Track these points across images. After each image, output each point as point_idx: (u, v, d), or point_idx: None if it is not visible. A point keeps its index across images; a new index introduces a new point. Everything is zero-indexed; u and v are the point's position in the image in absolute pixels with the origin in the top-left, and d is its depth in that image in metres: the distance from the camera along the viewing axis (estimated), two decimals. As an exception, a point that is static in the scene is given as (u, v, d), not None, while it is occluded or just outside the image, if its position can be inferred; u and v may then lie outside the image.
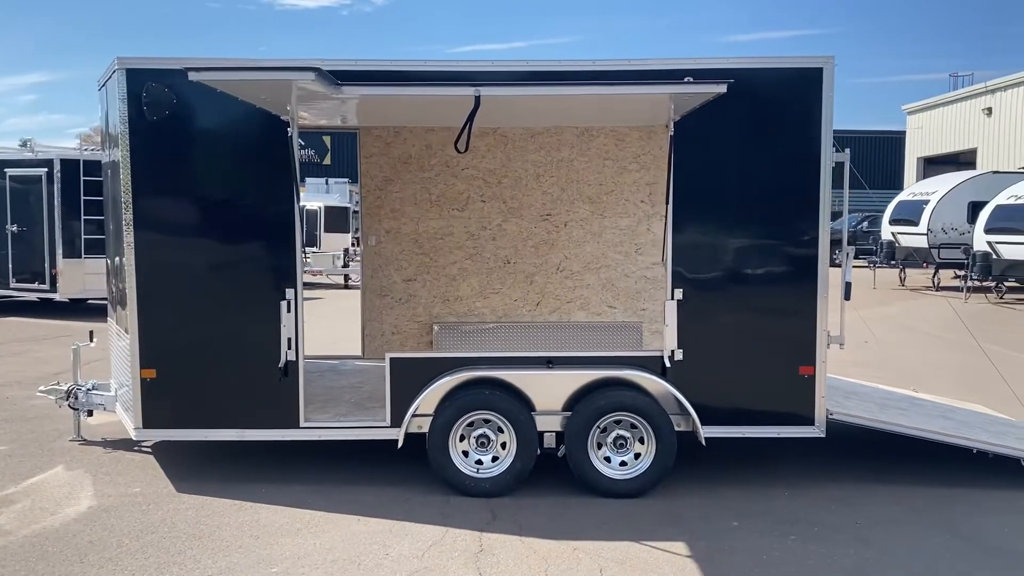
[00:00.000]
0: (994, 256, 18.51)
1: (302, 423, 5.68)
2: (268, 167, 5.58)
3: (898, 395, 7.27)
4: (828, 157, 5.51)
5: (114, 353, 6.64)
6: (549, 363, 5.72)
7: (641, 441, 5.61)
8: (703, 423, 5.57)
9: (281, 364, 5.59)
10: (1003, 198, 19.26)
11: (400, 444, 5.59)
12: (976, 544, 4.90)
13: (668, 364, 5.61)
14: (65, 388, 6.67)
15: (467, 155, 7.69)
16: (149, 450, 6.53)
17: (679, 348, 5.62)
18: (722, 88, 4.33)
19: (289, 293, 5.60)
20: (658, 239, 7.70)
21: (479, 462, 5.61)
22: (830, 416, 5.70)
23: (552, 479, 5.70)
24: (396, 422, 5.65)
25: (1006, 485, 5.81)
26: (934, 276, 20.84)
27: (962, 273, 19.26)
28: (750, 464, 6.20)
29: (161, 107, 5.48)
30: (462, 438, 5.61)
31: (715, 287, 5.68)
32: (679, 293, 5.62)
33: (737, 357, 5.67)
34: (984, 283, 18.81)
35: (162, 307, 5.64)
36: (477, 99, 4.28)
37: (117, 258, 6.21)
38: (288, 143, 5.45)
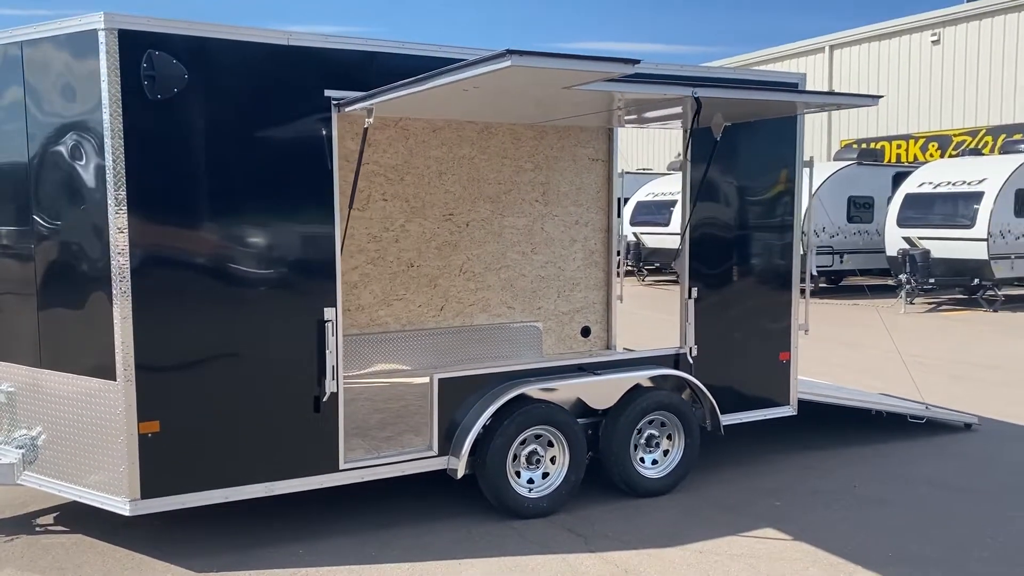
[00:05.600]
0: (642, 245, 21.30)
1: (342, 464, 4.82)
2: (306, 162, 4.62)
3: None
4: (802, 165, 6.13)
5: (11, 403, 4.92)
6: (581, 369, 5.57)
7: (669, 438, 5.73)
8: (712, 414, 5.89)
9: (325, 396, 4.69)
10: (641, 195, 22.19)
11: (460, 474, 5.03)
12: (946, 488, 5.87)
13: (691, 360, 5.81)
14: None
15: (367, 149, 7.02)
16: (64, 529, 5.01)
17: (695, 344, 5.85)
18: (875, 102, 4.66)
19: (329, 313, 4.71)
20: (551, 238, 7.79)
21: (531, 481, 5.28)
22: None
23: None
24: (444, 450, 5.07)
25: (902, 438, 7.00)
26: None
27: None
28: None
29: (169, 83, 4.22)
30: (514, 457, 5.23)
31: (719, 284, 5.99)
32: (695, 292, 5.84)
33: (736, 349, 6.05)
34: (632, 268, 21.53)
35: (167, 341, 4.36)
36: (698, 100, 4.05)
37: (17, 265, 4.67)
38: (329, 135, 4.61)
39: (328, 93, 4.62)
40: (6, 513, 5.26)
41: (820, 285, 18.44)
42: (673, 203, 20.92)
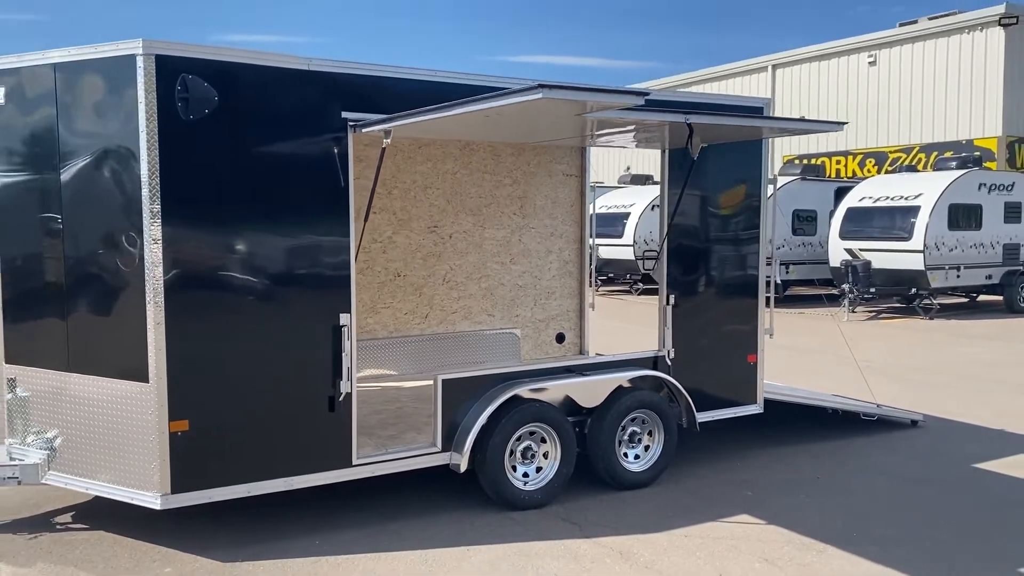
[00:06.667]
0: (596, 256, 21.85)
1: (355, 460, 5.16)
2: (323, 179, 4.97)
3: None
4: (766, 183, 6.66)
5: (27, 406, 5.15)
6: (570, 371, 5.99)
7: (650, 434, 6.18)
8: (687, 412, 6.38)
9: (341, 396, 5.02)
10: (596, 207, 22.72)
11: (463, 469, 5.40)
12: (900, 477, 6.43)
13: (669, 362, 6.27)
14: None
15: (357, 164, 7.36)
16: (84, 526, 5.24)
17: (672, 347, 6.32)
18: (840, 128, 5.18)
19: (344, 319, 5.05)
20: (528, 249, 8.22)
21: (525, 475, 5.68)
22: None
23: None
24: (447, 446, 5.44)
25: (857, 434, 7.57)
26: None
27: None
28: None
29: (201, 105, 4.54)
30: (511, 453, 5.61)
31: (694, 292, 6.48)
32: (672, 299, 6.31)
33: (709, 351, 6.54)
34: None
35: (196, 345, 4.66)
36: (690, 126, 4.50)
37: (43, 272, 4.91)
38: (345, 153, 4.97)
39: (345, 115, 4.98)
40: (23, 513, 5.46)
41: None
42: (627, 215, 21.58)
